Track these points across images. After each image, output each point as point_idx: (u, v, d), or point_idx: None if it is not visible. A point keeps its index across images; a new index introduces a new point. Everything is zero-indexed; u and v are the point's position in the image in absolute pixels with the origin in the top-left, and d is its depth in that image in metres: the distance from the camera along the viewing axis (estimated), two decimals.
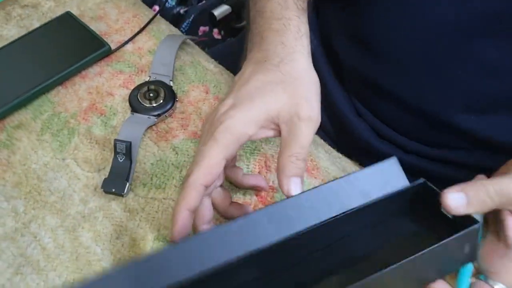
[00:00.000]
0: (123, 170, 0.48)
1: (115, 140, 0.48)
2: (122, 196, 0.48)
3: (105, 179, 0.48)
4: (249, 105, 0.41)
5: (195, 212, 0.40)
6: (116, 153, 0.48)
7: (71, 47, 0.57)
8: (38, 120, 0.53)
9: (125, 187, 0.47)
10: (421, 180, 0.41)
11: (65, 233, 0.46)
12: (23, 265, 0.44)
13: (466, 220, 0.37)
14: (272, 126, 0.42)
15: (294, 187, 0.40)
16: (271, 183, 0.50)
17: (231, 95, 0.43)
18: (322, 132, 0.67)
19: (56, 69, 0.55)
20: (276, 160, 0.51)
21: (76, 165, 0.50)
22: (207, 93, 0.56)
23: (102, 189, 0.48)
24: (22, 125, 0.53)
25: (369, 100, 0.62)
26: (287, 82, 0.42)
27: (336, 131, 0.67)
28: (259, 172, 0.50)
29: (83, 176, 0.49)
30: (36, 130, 0.52)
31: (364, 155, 0.63)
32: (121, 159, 0.48)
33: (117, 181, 0.48)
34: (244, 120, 0.41)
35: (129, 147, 0.48)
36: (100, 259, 0.45)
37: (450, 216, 0.38)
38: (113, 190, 0.47)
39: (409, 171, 0.60)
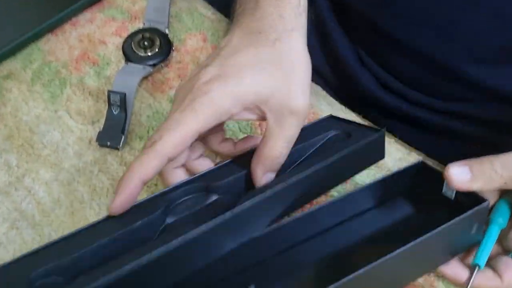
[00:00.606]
0: (118, 122, 0.46)
1: (109, 91, 0.46)
2: (118, 149, 0.46)
3: (99, 132, 0.46)
4: (238, 81, 0.36)
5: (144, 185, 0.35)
6: (110, 105, 0.46)
7: None
8: (28, 70, 0.51)
9: (120, 140, 0.46)
10: (419, 160, 0.39)
11: (60, 187, 0.45)
12: (18, 219, 0.43)
13: (472, 200, 0.36)
14: (257, 111, 0.37)
15: (265, 181, 0.38)
16: None
17: (215, 62, 0.38)
18: (323, 81, 0.65)
19: (46, 15, 0.52)
20: None
21: (69, 117, 0.48)
22: (204, 41, 0.53)
23: (97, 143, 0.46)
24: (11, 75, 0.50)
25: (375, 49, 0.59)
26: (283, 64, 0.37)
27: (338, 80, 0.65)
28: (259, 124, 0.48)
29: (77, 128, 0.48)
30: (27, 80, 0.50)
31: (367, 106, 0.61)
32: (115, 111, 0.47)
33: (112, 134, 0.46)
34: (230, 96, 0.36)
35: (123, 98, 0.46)
36: (97, 214, 0.44)
37: (451, 198, 0.37)
38: (108, 143, 0.46)
39: (414, 123, 0.59)
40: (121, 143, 0.46)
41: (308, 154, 0.41)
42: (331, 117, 0.45)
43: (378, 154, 0.41)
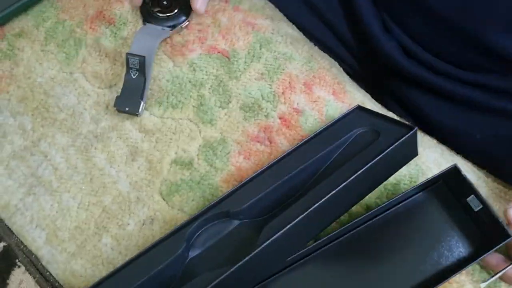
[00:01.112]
0: (137, 87, 0.44)
1: (127, 54, 0.44)
2: (137, 115, 0.44)
3: (117, 96, 0.44)
4: None
5: None
6: (128, 68, 0.44)
7: None
8: (41, 28, 0.48)
9: (139, 106, 0.44)
10: (453, 165, 0.38)
11: (77, 153, 0.43)
12: (35, 185, 0.42)
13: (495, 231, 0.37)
14: None
15: (200, 2, 0.41)
16: (295, 105, 0.46)
17: None
18: (344, 47, 0.63)
19: None
20: (301, 79, 0.47)
21: (85, 80, 0.46)
22: (226, 2, 0.51)
23: (115, 108, 0.44)
24: (23, 33, 0.48)
25: (401, 15, 0.57)
26: None
27: (361, 47, 0.62)
28: (283, 93, 0.47)
29: (93, 92, 0.46)
30: (40, 40, 0.48)
31: (391, 75, 0.59)
32: (134, 75, 0.44)
33: (130, 99, 0.44)
34: None
35: (142, 62, 0.44)
36: (115, 181, 0.43)
37: (474, 209, 0.38)
38: (127, 109, 0.44)
39: (437, 93, 0.57)
40: (140, 109, 0.44)
41: (336, 155, 0.40)
42: (358, 109, 0.44)
43: (411, 152, 0.40)
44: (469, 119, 0.56)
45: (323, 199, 0.34)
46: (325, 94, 0.47)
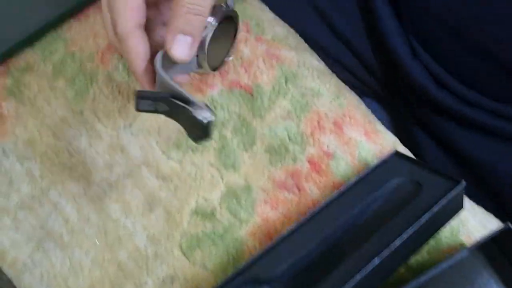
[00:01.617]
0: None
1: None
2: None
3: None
4: None
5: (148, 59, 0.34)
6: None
7: None
8: (48, 62, 0.45)
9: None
10: (506, 226, 0.35)
11: (90, 203, 0.40)
12: (44, 239, 0.39)
13: None
14: None
15: (178, 46, 0.33)
16: (325, 148, 0.43)
17: None
18: (369, 74, 0.59)
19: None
20: (331, 118, 0.44)
21: (97, 121, 0.43)
22: (248, 31, 0.47)
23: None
24: (29, 68, 0.44)
25: (433, 42, 0.53)
26: None
27: (384, 70, 0.59)
28: (311, 133, 0.43)
29: (106, 134, 0.42)
30: (47, 75, 0.44)
31: (418, 102, 0.55)
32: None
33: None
34: None
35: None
36: (131, 234, 0.39)
37: None
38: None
39: (473, 126, 0.53)
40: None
41: (376, 207, 0.37)
42: (395, 155, 0.40)
43: (457, 206, 0.37)
44: (509, 155, 0.52)
45: (370, 264, 0.31)
46: (356, 134, 0.43)
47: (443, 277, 0.36)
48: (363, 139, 0.43)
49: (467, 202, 0.42)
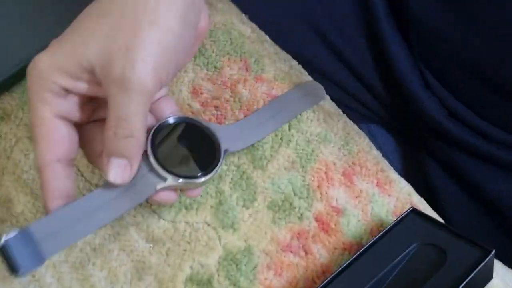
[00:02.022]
0: None
1: None
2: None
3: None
4: (57, 49, 0.30)
5: (69, 196, 0.30)
6: None
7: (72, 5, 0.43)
8: (27, 109, 0.40)
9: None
10: None
11: (72, 271, 0.36)
12: None
13: None
14: (94, 83, 0.30)
15: (113, 170, 0.30)
16: (334, 203, 0.38)
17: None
18: (376, 101, 0.55)
19: (50, 34, 0.41)
20: (339, 168, 0.40)
21: (80, 175, 0.39)
22: (247, 70, 0.43)
23: None
24: (6, 116, 0.40)
25: (445, 73, 0.49)
26: (110, 15, 0.29)
27: (394, 100, 0.55)
28: (318, 186, 0.39)
29: (89, 192, 0.38)
30: (26, 123, 0.40)
31: (429, 133, 0.52)
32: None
33: None
34: (49, 67, 0.29)
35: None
36: None
37: None
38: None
39: (485, 158, 0.49)
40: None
41: (395, 275, 0.33)
42: (413, 213, 0.36)
43: (486, 276, 0.33)
44: None
45: None
46: (368, 186, 0.39)
47: None
48: (375, 191, 0.39)
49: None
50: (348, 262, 0.34)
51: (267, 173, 0.39)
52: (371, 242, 0.35)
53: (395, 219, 0.36)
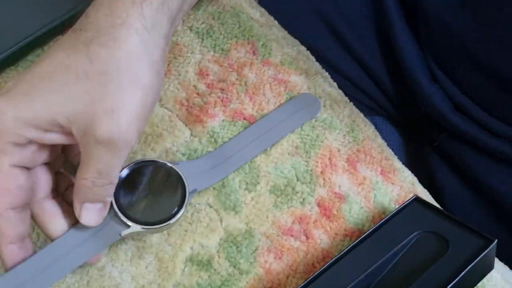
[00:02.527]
0: None
1: None
2: None
3: None
4: (25, 100, 0.28)
5: (24, 237, 0.30)
6: None
7: None
8: None
9: None
10: None
11: None
12: None
13: None
14: (64, 134, 0.30)
15: (88, 214, 0.31)
16: (337, 189, 0.38)
17: (22, 73, 0.30)
18: (382, 94, 0.55)
19: (57, 10, 0.41)
20: (344, 155, 0.40)
21: None
22: (254, 54, 0.43)
23: None
24: None
25: (453, 67, 0.49)
26: (91, 76, 0.28)
27: (401, 93, 0.54)
28: (321, 172, 0.39)
29: None
30: None
31: (435, 127, 0.51)
32: None
33: None
34: (16, 120, 0.28)
35: None
36: (117, 285, 0.35)
37: None
38: None
39: (490, 154, 0.49)
40: None
41: (395, 262, 0.33)
42: (416, 202, 0.36)
43: (488, 267, 0.33)
44: None
45: None
46: (372, 174, 0.39)
47: None
48: (379, 179, 0.39)
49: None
50: (348, 248, 0.34)
51: (271, 158, 0.39)
52: (372, 228, 0.34)
53: (397, 207, 0.36)
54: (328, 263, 0.33)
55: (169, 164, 0.34)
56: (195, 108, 0.40)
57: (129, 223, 0.32)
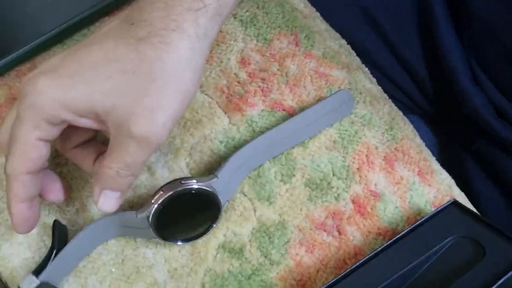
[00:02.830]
0: None
1: None
2: None
3: None
4: (69, 84, 0.29)
5: (33, 197, 0.31)
6: None
7: None
8: None
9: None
10: None
11: None
12: None
13: None
14: (98, 121, 0.30)
15: (105, 201, 0.32)
16: (373, 187, 0.38)
17: (67, 51, 0.30)
18: (419, 91, 0.54)
19: None
20: (381, 153, 0.39)
21: None
22: (296, 45, 0.42)
23: None
24: None
25: (496, 71, 0.48)
26: (137, 73, 0.28)
27: (439, 93, 0.53)
28: (358, 169, 0.38)
29: None
30: None
31: (475, 132, 0.50)
32: None
33: None
34: (55, 101, 0.29)
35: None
36: (150, 266, 0.36)
37: None
38: None
39: None
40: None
41: (428, 265, 0.32)
42: (453, 206, 0.35)
43: None
44: None
45: None
46: (409, 174, 0.39)
47: None
48: (416, 180, 0.39)
49: None
50: (382, 247, 0.34)
51: (308, 151, 0.39)
52: (408, 229, 0.34)
53: (433, 210, 0.36)
54: (360, 261, 0.33)
55: (204, 187, 0.34)
56: (235, 96, 0.40)
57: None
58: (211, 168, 0.38)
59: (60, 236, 0.34)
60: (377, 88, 0.43)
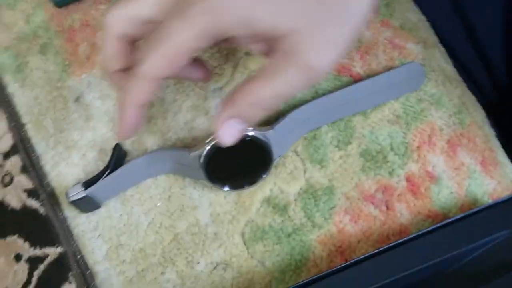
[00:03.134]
0: None
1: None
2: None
3: None
4: (255, 1, 0.26)
5: (145, 104, 0.30)
6: None
7: None
8: None
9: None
10: None
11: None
12: None
13: None
14: (265, 44, 0.29)
15: (227, 130, 0.29)
16: (430, 168, 0.37)
17: None
18: (493, 84, 0.51)
19: None
20: (445, 135, 0.38)
21: None
22: (375, 12, 0.41)
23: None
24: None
25: None
26: (325, 2, 0.27)
27: (499, 93, 0.50)
28: (418, 147, 0.37)
29: (194, 92, 0.39)
30: None
31: None
32: None
33: None
34: (237, 15, 0.26)
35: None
36: (195, 207, 0.36)
37: None
38: None
39: None
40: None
41: (469, 259, 0.31)
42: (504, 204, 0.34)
43: None
44: None
45: None
46: (471, 162, 0.37)
47: None
48: (477, 169, 0.37)
49: None
50: (429, 229, 0.33)
51: (369, 121, 0.38)
52: (460, 216, 0.33)
53: (490, 201, 0.34)
54: (404, 238, 0.32)
55: (259, 136, 0.34)
56: None
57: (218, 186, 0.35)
58: (268, 122, 0.38)
59: (117, 159, 0.35)
60: (452, 69, 0.41)
